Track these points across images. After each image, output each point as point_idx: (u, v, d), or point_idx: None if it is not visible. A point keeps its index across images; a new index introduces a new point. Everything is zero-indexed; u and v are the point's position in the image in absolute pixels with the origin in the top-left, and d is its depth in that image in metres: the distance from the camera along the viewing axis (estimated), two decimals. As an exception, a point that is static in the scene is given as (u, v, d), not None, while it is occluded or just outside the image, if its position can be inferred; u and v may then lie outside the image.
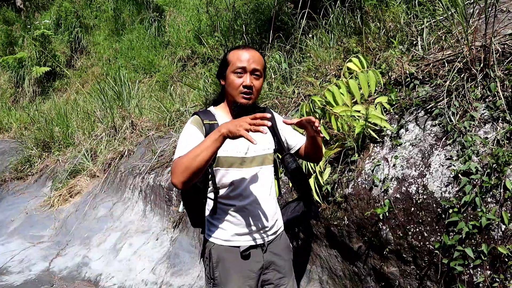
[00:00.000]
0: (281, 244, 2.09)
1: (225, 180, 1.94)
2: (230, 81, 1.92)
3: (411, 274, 2.32)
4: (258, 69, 1.92)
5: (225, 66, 1.96)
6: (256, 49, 2.01)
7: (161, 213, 4.61)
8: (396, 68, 3.00)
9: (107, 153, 6.10)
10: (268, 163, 2.03)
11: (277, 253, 2.05)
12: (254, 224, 1.96)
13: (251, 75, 1.91)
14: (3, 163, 7.79)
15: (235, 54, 1.94)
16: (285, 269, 2.08)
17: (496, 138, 2.16)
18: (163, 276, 3.91)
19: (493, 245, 1.98)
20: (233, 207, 1.94)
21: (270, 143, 2.07)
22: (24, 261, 4.70)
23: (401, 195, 2.35)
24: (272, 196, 2.06)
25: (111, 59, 9.50)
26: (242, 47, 1.99)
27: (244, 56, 1.91)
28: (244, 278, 1.95)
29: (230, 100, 1.96)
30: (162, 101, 6.33)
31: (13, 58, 10.56)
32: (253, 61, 1.91)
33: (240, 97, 1.90)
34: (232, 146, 1.92)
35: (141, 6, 10.01)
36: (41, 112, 8.57)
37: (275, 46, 5.00)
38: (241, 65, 1.90)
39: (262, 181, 1.99)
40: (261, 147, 2.00)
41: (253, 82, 1.91)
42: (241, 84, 1.89)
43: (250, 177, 1.96)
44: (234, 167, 1.93)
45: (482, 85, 2.44)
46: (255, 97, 1.96)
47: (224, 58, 1.99)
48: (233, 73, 1.91)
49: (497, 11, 2.78)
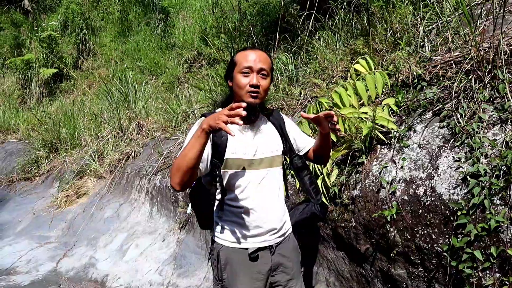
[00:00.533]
0: (289, 246, 2.09)
1: (233, 182, 1.94)
2: (237, 81, 1.93)
3: (419, 276, 2.31)
4: (264, 68, 1.93)
5: (232, 67, 1.98)
6: (263, 50, 2.02)
7: (168, 214, 4.62)
8: (403, 70, 3.00)
9: (113, 154, 6.12)
10: (276, 165, 2.03)
11: (285, 255, 2.05)
12: (262, 226, 1.96)
13: (258, 74, 1.92)
14: (11, 164, 7.85)
15: (241, 55, 1.96)
16: (293, 271, 2.07)
17: (505, 140, 2.14)
18: (169, 277, 3.92)
19: (502, 248, 1.96)
20: (241, 209, 1.94)
21: (279, 145, 2.07)
22: (32, 261, 4.73)
23: (409, 197, 2.34)
24: (280, 198, 2.06)
25: (118, 60, 9.55)
26: (249, 48, 2.01)
27: (251, 56, 1.93)
28: (252, 279, 1.95)
29: (238, 101, 1.97)
30: (168, 103, 6.35)
31: (21, 59, 10.64)
32: (259, 61, 1.92)
33: (247, 96, 1.91)
34: (241, 148, 1.92)
35: (147, 8, 10.06)
36: (48, 113, 8.63)
37: (281, 47, 5.00)
38: (248, 65, 1.91)
39: (270, 183, 2.00)
40: (269, 149, 2.01)
41: (260, 81, 1.91)
42: (248, 84, 1.90)
43: (258, 179, 1.96)
44: (242, 169, 1.93)
45: (491, 87, 2.42)
46: (263, 96, 1.96)
47: (231, 60, 2.01)
48: (239, 73, 1.92)
49: (505, 12, 2.77)
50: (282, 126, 2.12)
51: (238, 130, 1.96)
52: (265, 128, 2.07)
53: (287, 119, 2.19)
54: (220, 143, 1.91)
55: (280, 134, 2.09)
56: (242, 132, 1.98)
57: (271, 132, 2.08)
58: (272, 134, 2.07)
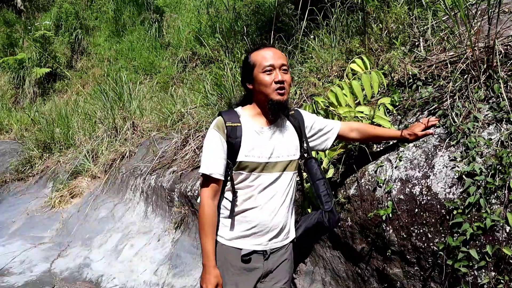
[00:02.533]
0: (285, 257, 2.06)
1: (243, 183, 1.93)
2: (261, 81, 1.91)
3: (415, 275, 2.32)
4: (285, 63, 1.94)
5: (251, 68, 1.95)
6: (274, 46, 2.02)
7: (163, 214, 4.61)
8: (399, 69, 3.00)
9: (108, 154, 6.10)
10: (290, 170, 2.00)
11: (278, 264, 2.03)
12: (261, 229, 1.94)
13: (280, 70, 1.92)
14: (4, 164, 7.79)
15: (258, 55, 1.95)
16: (283, 282, 2.05)
17: (500, 139, 2.15)
18: (164, 277, 3.91)
19: (497, 247, 1.97)
20: (244, 209, 1.93)
21: (297, 149, 2.04)
22: (25, 262, 4.70)
23: (404, 196, 2.34)
24: (286, 204, 2.01)
25: (112, 60, 9.51)
26: (262, 46, 2.00)
27: (268, 54, 1.93)
28: (242, 282, 1.94)
29: (263, 100, 1.94)
30: (163, 102, 6.33)
31: (14, 59, 10.57)
32: (278, 57, 1.93)
33: (275, 94, 1.90)
34: (256, 150, 1.90)
35: (141, 7, 10.03)
36: (42, 113, 8.59)
37: (276, 47, 5.00)
38: (269, 63, 1.90)
39: (278, 188, 1.96)
40: (286, 153, 1.98)
41: (283, 76, 1.92)
42: (273, 81, 1.89)
43: (267, 182, 1.94)
44: (255, 171, 1.91)
45: (486, 86, 2.43)
46: (288, 91, 1.96)
47: (247, 62, 1.98)
48: (262, 73, 1.91)
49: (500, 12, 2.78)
50: (301, 127, 2.08)
51: (255, 131, 1.94)
52: (284, 130, 2.03)
53: (307, 115, 2.16)
54: (234, 144, 1.89)
55: (298, 136, 2.06)
56: (260, 133, 1.95)
57: (290, 134, 2.04)
58: (290, 136, 2.03)
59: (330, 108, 2.78)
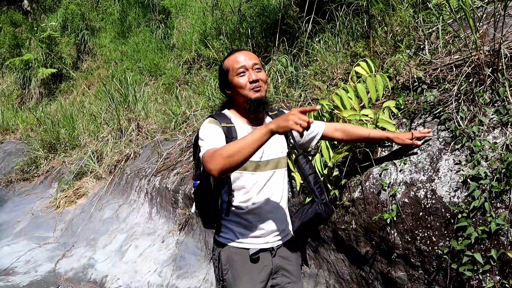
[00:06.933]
0: (291, 249, 2.09)
1: (238, 183, 1.95)
2: (237, 83, 1.96)
3: (419, 279, 2.32)
4: (256, 62, 1.99)
5: (225, 74, 2.01)
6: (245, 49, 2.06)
7: (167, 215, 4.62)
8: (404, 73, 3.00)
9: (113, 155, 6.12)
10: (281, 167, 2.05)
11: (286, 257, 2.05)
12: (264, 227, 1.97)
13: (253, 70, 1.97)
14: (10, 164, 7.84)
15: (230, 60, 2.01)
16: (294, 274, 2.08)
17: (505, 143, 2.15)
18: (168, 278, 3.92)
19: (502, 251, 1.97)
20: (244, 210, 1.95)
21: (284, 147, 2.09)
22: (30, 262, 4.73)
23: (409, 199, 2.34)
24: (284, 200, 2.07)
25: (117, 61, 9.54)
26: (234, 51, 2.05)
27: (239, 57, 1.98)
28: (253, 281, 1.95)
29: (243, 101, 1.98)
30: (168, 104, 6.35)
31: (20, 60, 10.62)
32: (249, 58, 1.98)
33: (252, 92, 1.95)
34: None
35: (147, 9, 10.06)
36: (47, 113, 8.63)
37: (281, 49, 5.01)
38: (241, 65, 1.96)
39: (274, 185, 2.01)
40: (275, 151, 2.02)
41: (257, 75, 1.96)
42: (248, 81, 1.94)
43: (263, 181, 1.97)
44: (248, 171, 1.94)
45: (491, 90, 2.43)
46: (265, 88, 2.01)
47: (221, 69, 2.05)
48: (236, 76, 1.96)
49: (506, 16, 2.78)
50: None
51: (247, 132, 1.97)
52: None
53: None
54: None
55: (285, 135, 2.10)
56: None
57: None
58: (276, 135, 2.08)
59: (335, 111, 2.78)
